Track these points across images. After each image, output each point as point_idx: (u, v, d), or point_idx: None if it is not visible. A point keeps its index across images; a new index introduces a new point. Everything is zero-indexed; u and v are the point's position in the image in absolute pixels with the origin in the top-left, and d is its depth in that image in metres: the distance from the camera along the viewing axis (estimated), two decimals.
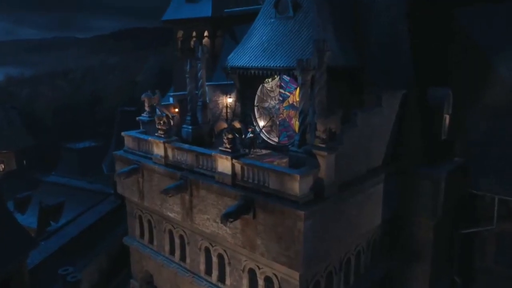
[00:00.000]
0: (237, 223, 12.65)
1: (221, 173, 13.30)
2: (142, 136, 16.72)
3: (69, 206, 43.73)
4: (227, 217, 11.68)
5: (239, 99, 19.79)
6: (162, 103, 19.38)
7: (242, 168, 12.80)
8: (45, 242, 32.38)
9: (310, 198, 11.69)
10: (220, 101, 21.38)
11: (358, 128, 13.27)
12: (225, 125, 18.63)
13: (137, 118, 18.62)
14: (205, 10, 31.70)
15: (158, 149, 15.70)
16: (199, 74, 18.66)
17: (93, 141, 57.50)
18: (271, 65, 16.68)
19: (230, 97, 21.11)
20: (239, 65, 17.94)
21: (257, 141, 17.85)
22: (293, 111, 17.97)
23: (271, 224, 11.82)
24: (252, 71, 17.44)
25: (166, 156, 15.50)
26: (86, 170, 51.00)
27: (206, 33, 31.71)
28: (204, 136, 18.69)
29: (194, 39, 31.69)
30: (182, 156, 15.02)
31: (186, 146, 14.96)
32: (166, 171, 15.20)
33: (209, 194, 13.61)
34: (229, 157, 12.85)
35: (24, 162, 57.15)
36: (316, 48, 12.92)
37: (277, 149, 18.10)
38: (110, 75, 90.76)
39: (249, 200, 12.14)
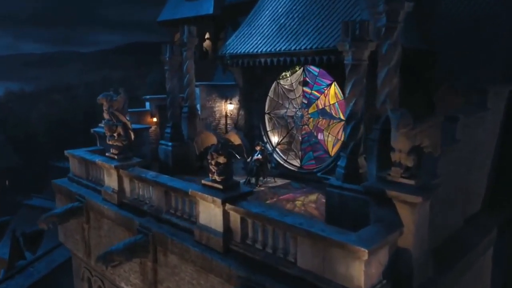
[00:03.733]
0: None
1: (204, 228, 7.21)
2: (89, 157, 10.74)
3: (51, 234, 38.52)
4: None
5: (242, 103, 13.85)
6: (132, 110, 13.54)
7: (242, 220, 6.71)
8: (7, 283, 26.80)
9: None
10: (217, 108, 15.62)
11: (460, 145, 7.16)
12: (213, 139, 12.41)
13: (92, 130, 12.80)
14: (206, 7, 27.53)
15: (110, 179, 9.71)
16: (184, 67, 12.82)
17: None
18: (292, 49, 10.81)
19: (231, 103, 15.35)
20: (242, 52, 12.09)
21: (268, 166, 11.79)
22: (324, 120, 12.02)
23: None
24: (263, 60, 11.61)
25: (120, 190, 9.50)
26: None
27: (207, 35, 27.06)
28: (191, 157, 12.70)
29: None
30: (145, 191, 9.01)
31: (150, 174, 8.89)
32: (119, 215, 9.17)
33: (184, 264, 7.50)
34: (219, 200, 6.77)
35: (7, 182, 51.38)
36: None
37: (298, 177, 12.03)
38: (110, 91, 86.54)
39: None
